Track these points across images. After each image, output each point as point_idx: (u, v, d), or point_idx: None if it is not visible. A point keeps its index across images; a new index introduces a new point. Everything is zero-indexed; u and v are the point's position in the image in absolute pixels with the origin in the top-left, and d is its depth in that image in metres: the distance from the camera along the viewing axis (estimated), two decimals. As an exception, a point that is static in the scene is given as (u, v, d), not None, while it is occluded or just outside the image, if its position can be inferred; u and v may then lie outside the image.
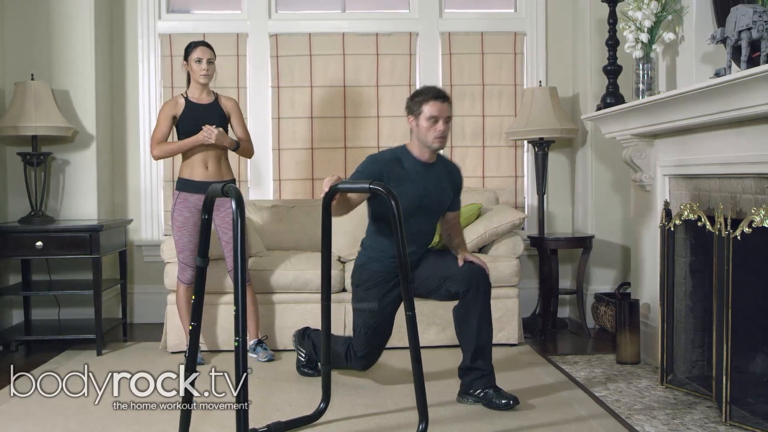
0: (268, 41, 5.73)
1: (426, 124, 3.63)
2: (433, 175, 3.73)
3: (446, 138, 3.68)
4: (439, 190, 3.75)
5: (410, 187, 3.64)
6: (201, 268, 2.95)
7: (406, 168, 3.68)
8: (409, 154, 3.72)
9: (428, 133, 3.64)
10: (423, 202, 3.68)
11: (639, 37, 4.22)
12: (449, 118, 3.67)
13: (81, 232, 4.75)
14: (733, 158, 3.40)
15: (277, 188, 5.75)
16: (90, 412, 3.40)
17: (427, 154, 3.71)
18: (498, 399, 3.56)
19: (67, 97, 5.24)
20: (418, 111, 3.65)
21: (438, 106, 3.62)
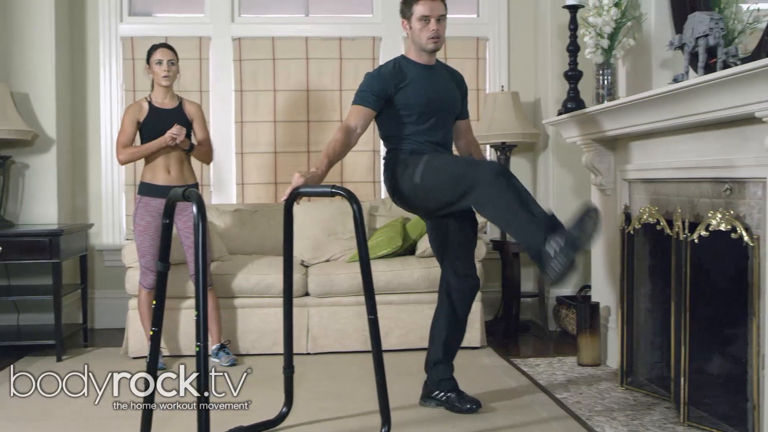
0: (231, 45, 5.71)
1: (418, 25, 3.50)
2: (436, 76, 3.61)
3: (441, 38, 3.54)
4: (447, 90, 3.62)
5: (415, 89, 3.52)
6: (162, 273, 2.93)
7: (407, 73, 3.54)
8: (408, 60, 3.60)
9: (421, 34, 3.51)
10: (432, 103, 3.54)
11: (599, 42, 4.27)
12: (443, 16, 3.52)
13: (41, 236, 4.68)
14: (691, 163, 3.46)
15: (240, 192, 5.73)
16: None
17: (425, 56, 3.58)
18: (461, 403, 3.58)
19: (26, 100, 5.18)
20: (410, 12, 3.53)
21: (429, 4, 3.48)
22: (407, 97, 3.51)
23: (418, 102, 3.51)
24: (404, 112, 3.53)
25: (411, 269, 4.77)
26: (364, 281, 3.08)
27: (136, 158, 4.45)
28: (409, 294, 4.76)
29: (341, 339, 4.74)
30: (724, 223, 3.09)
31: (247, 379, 4.10)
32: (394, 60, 3.63)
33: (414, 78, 3.54)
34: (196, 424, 2.67)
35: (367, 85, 3.51)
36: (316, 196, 3.59)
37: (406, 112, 3.53)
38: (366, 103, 3.48)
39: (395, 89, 3.50)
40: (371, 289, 3.08)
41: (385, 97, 3.50)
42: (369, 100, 3.48)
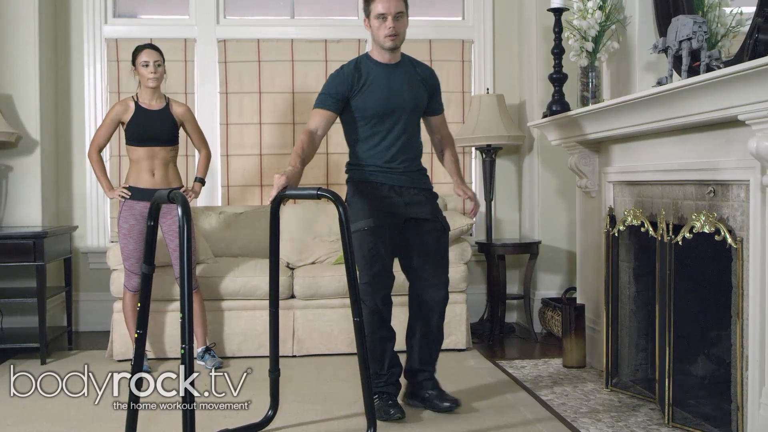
0: (216, 47, 5.70)
1: (376, 23, 3.52)
2: (398, 75, 3.61)
3: (399, 35, 3.55)
4: (410, 90, 3.62)
5: (374, 91, 3.55)
6: (147, 275, 2.93)
7: (368, 73, 3.57)
8: (370, 59, 3.62)
9: (379, 32, 3.53)
10: (391, 103, 3.56)
11: (584, 45, 4.30)
12: (401, 14, 3.53)
13: (25, 238, 4.65)
14: (675, 165, 3.48)
15: (226, 194, 5.72)
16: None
17: (387, 55, 3.60)
18: (440, 401, 3.59)
19: (10, 101, 5.15)
20: (369, 10, 3.55)
21: (386, 2, 3.49)
22: (364, 101, 3.56)
23: (373, 105, 3.55)
24: (359, 115, 3.58)
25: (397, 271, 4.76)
26: (349, 283, 3.08)
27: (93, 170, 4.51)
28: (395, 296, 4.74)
29: (327, 341, 4.73)
30: (708, 225, 3.11)
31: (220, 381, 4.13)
32: (356, 59, 3.65)
33: (373, 78, 3.57)
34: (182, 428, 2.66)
35: (327, 87, 3.58)
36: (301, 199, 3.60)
37: (360, 115, 3.58)
38: (325, 105, 3.56)
39: (352, 91, 3.55)
40: (356, 291, 3.09)
41: (344, 99, 3.55)
42: (327, 103, 3.55)
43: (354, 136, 3.64)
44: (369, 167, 3.61)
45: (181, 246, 2.69)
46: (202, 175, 4.57)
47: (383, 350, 3.57)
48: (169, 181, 4.42)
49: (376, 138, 3.60)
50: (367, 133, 3.60)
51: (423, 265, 3.64)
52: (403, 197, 3.61)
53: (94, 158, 4.43)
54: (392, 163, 3.60)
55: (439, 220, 3.67)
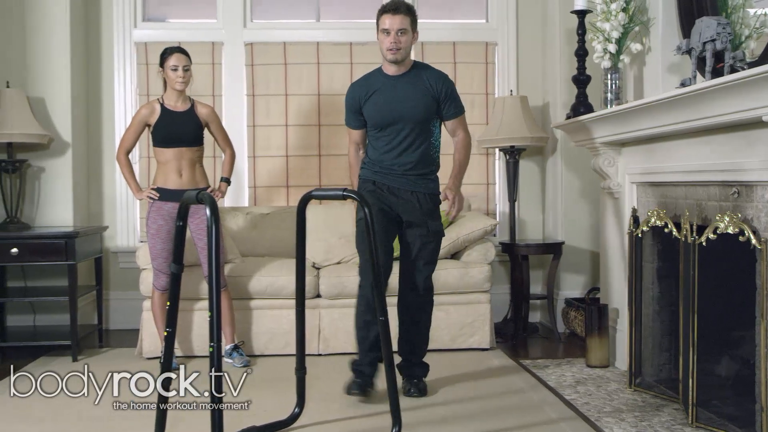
0: (243, 50, 5.77)
1: (381, 37, 3.79)
2: (403, 85, 3.83)
3: (403, 49, 3.77)
4: (414, 98, 3.81)
5: (376, 101, 3.83)
6: (175, 275, 2.97)
7: (375, 85, 3.85)
8: (380, 71, 3.90)
9: (383, 46, 3.79)
10: (391, 113, 3.81)
11: (607, 47, 4.31)
12: (404, 30, 3.75)
13: (56, 238, 4.75)
14: (699, 166, 3.48)
15: (252, 195, 5.78)
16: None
17: (392, 67, 3.84)
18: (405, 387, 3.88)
19: (42, 104, 5.25)
20: (377, 26, 3.82)
21: (389, 19, 3.75)
22: (368, 110, 3.86)
23: (375, 114, 3.84)
24: (368, 122, 3.90)
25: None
26: (374, 283, 3.12)
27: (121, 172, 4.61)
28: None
29: (352, 340, 4.73)
30: (732, 226, 3.11)
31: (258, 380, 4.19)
32: (369, 72, 3.96)
33: (378, 89, 3.85)
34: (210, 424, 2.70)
35: (346, 104, 3.95)
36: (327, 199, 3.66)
37: (368, 122, 3.90)
38: (350, 124, 3.97)
39: (361, 102, 3.87)
40: (382, 291, 3.13)
41: (359, 110, 3.89)
42: (351, 120, 3.96)
43: (369, 138, 3.96)
44: (374, 167, 3.89)
45: (209, 246, 2.73)
46: (227, 175, 4.64)
47: (367, 332, 3.80)
48: (197, 181, 4.49)
49: (381, 142, 3.87)
50: (375, 138, 3.89)
51: (406, 267, 3.90)
52: (398, 198, 3.85)
53: (122, 161, 4.51)
54: (393, 166, 3.85)
55: (426, 225, 3.86)
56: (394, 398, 3.13)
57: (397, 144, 3.83)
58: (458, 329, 4.82)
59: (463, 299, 4.84)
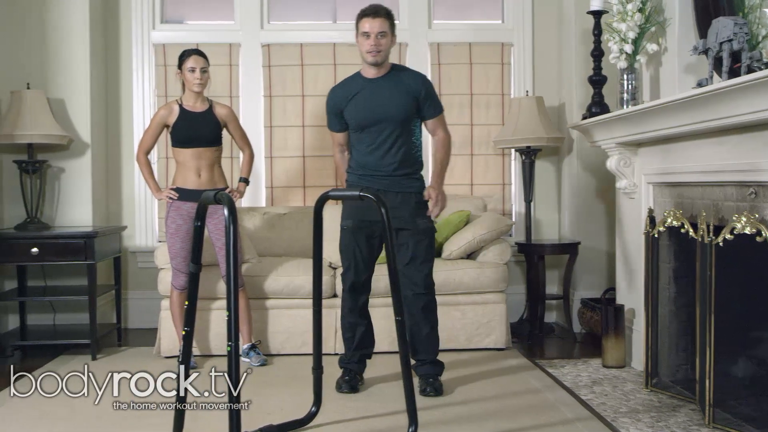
0: (260, 51, 5.80)
1: (362, 40, 3.87)
2: (383, 87, 3.91)
3: (382, 52, 3.86)
4: (391, 100, 3.89)
5: (356, 104, 3.91)
6: (194, 274, 3.00)
7: (354, 88, 3.94)
8: (359, 75, 3.98)
9: (362, 48, 3.87)
10: (372, 114, 3.89)
11: (623, 48, 4.31)
12: (383, 33, 3.85)
13: (76, 238, 4.80)
14: (715, 166, 3.47)
15: (269, 195, 5.82)
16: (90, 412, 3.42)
17: (372, 70, 3.92)
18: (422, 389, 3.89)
19: (62, 105, 5.31)
20: (356, 28, 3.91)
21: (368, 22, 3.84)
22: (350, 112, 3.95)
23: (355, 116, 3.93)
24: (349, 125, 3.99)
25: (437, 271, 4.77)
26: (391, 283, 3.14)
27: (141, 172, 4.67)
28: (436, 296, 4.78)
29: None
30: (749, 226, 3.11)
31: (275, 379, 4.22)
32: (349, 77, 4.05)
33: (357, 92, 3.93)
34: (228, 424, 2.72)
35: (327, 108, 4.05)
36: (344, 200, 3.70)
37: (350, 125, 3.99)
38: (332, 128, 4.07)
39: (342, 106, 3.96)
40: (398, 290, 3.15)
41: (340, 113, 3.98)
42: (333, 123, 4.05)
43: (351, 141, 4.05)
44: (359, 171, 3.98)
45: (227, 246, 2.75)
46: (246, 175, 4.67)
47: (352, 333, 4.04)
48: (215, 181, 4.52)
49: (363, 144, 3.96)
50: (358, 140, 3.98)
51: (405, 269, 3.94)
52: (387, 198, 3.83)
53: (142, 161, 4.56)
54: (379, 167, 3.93)
55: (416, 224, 3.92)
56: (410, 398, 3.14)
57: (380, 144, 3.91)
58: (474, 329, 4.83)
59: (479, 299, 4.85)
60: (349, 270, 3.99)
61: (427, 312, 3.98)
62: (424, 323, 3.96)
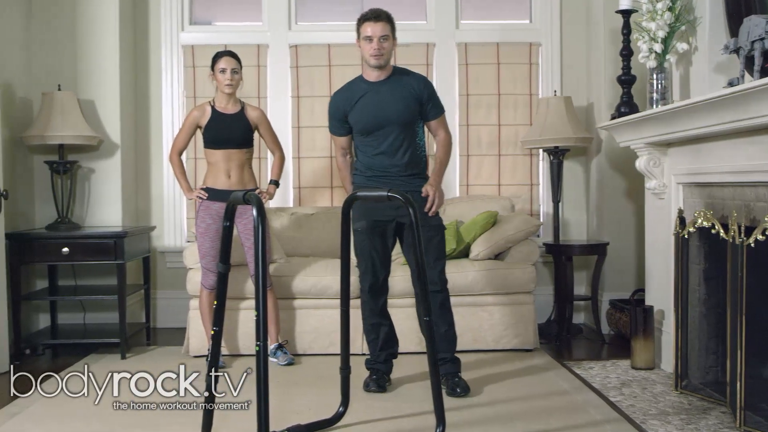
0: (288, 52, 5.83)
1: (364, 44, 3.90)
2: (384, 90, 3.94)
3: (384, 55, 3.89)
4: (397, 103, 3.92)
5: (360, 108, 3.93)
6: (222, 274, 3.02)
7: (357, 92, 3.96)
8: (362, 78, 4.01)
9: (365, 52, 3.90)
10: (377, 117, 3.91)
11: (653, 47, 4.27)
12: (385, 36, 3.88)
13: (106, 238, 4.85)
14: (747, 167, 3.44)
15: (297, 195, 5.84)
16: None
17: (374, 73, 3.95)
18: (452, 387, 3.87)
19: (92, 106, 5.37)
20: (359, 34, 3.94)
21: (371, 26, 3.88)
22: (354, 116, 3.97)
23: (360, 120, 3.96)
24: (354, 129, 4.01)
25: (465, 272, 4.81)
26: (420, 283, 3.14)
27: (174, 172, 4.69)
28: (463, 296, 4.78)
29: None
30: (781, 227, 3.08)
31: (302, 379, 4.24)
32: (350, 81, 4.07)
33: (360, 96, 3.95)
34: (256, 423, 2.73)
35: (329, 112, 4.07)
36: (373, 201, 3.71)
37: (355, 129, 4.01)
38: (335, 132, 4.08)
39: (346, 110, 3.97)
40: (427, 291, 3.15)
41: (344, 118, 4.00)
42: (336, 128, 4.06)
43: (356, 144, 4.07)
44: (366, 173, 3.99)
45: (256, 246, 2.77)
46: (276, 178, 4.68)
47: (376, 335, 4.08)
48: (245, 182, 4.54)
49: (370, 148, 3.98)
50: (364, 143, 4.00)
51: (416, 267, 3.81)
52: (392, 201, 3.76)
53: (175, 162, 4.59)
54: (386, 169, 3.95)
55: (427, 221, 3.91)
56: (437, 398, 3.15)
57: (387, 147, 3.93)
58: (502, 330, 4.81)
59: (506, 300, 4.83)
60: (367, 272, 4.01)
61: (443, 310, 3.98)
62: (441, 321, 3.96)
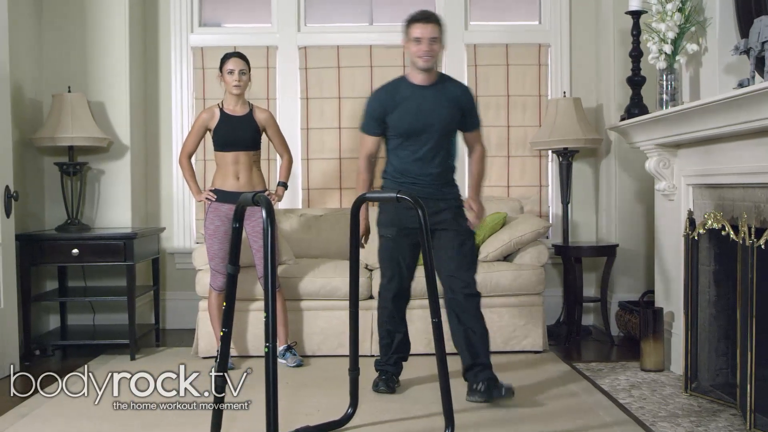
0: (297, 53, 5.84)
1: (413, 45, 3.81)
2: (429, 95, 3.86)
3: (433, 57, 3.81)
4: (440, 110, 3.85)
5: (405, 110, 3.84)
6: (231, 276, 3.02)
7: (401, 93, 3.87)
8: (405, 79, 3.92)
9: (414, 54, 3.81)
10: (420, 122, 3.83)
11: (662, 48, 4.26)
12: (435, 39, 3.79)
13: (115, 239, 4.87)
14: (757, 168, 3.43)
15: (306, 197, 5.84)
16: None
17: (420, 76, 3.86)
18: (497, 391, 3.74)
19: (102, 108, 5.38)
20: (407, 35, 3.84)
21: (421, 27, 3.78)
22: (395, 120, 3.86)
23: (402, 122, 3.85)
24: (392, 132, 3.90)
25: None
26: (428, 285, 3.14)
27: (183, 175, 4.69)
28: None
29: (404, 342, 4.79)
30: (791, 228, 3.07)
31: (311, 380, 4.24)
32: (394, 81, 3.96)
33: (405, 98, 3.85)
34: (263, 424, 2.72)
35: (368, 110, 3.93)
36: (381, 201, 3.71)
37: (393, 132, 3.89)
38: (370, 131, 3.94)
39: (387, 111, 3.86)
40: (435, 292, 3.15)
41: (383, 118, 3.87)
42: (372, 127, 3.92)
43: (389, 147, 3.96)
44: (399, 178, 3.91)
45: (265, 247, 2.76)
46: (284, 180, 4.69)
47: (390, 340, 4.06)
48: (254, 184, 4.55)
49: (406, 151, 3.89)
50: (400, 147, 3.90)
51: (449, 270, 3.86)
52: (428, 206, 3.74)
53: (184, 164, 4.60)
54: (420, 176, 3.87)
55: (460, 225, 3.89)
56: (446, 399, 3.14)
57: (424, 154, 3.86)
58: (511, 331, 4.81)
59: (515, 301, 4.83)
60: (393, 279, 3.96)
61: (479, 314, 3.88)
62: (478, 325, 3.86)
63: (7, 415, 3.63)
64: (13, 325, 4.48)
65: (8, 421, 3.55)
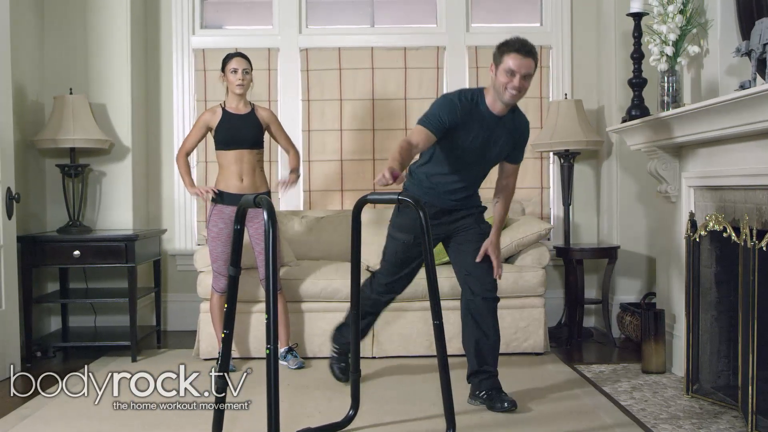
0: (298, 55, 5.84)
1: (503, 76, 3.55)
2: (500, 129, 3.69)
3: (522, 93, 3.60)
4: (501, 146, 3.73)
5: (474, 135, 3.64)
6: (233, 277, 3.02)
7: (479, 115, 3.64)
8: (484, 101, 3.67)
9: (502, 86, 3.57)
10: (478, 154, 3.70)
11: (664, 50, 4.27)
12: (528, 75, 3.57)
13: (117, 241, 4.87)
14: (758, 170, 3.43)
15: (308, 199, 5.85)
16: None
17: (499, 106, 3.65)
18: (499, 402, 3.68)
19: (104, 110, 5.39)
20: (499, 61, 3.57)
21: (518, 60, 3.53)
22: (456, 138, 3.64)
23: (460, 146, 3.66)
24: (445, 144, 3.66)
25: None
26: (429, 286, 3.13)
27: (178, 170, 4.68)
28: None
29: (406, 343, 4.79)
30: (793, 230, 3.07)
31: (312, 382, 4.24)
32: (474, 94, 3.69)
33: (475, 123, 3.63)
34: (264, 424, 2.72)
35: (440, 110, 3.60)
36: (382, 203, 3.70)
37: (447, 145, 3.67)
38: (431, 127, 3.56)
39: (458, 122, 3.60)
40: (436, 294, 3.14)
41: (450, 127, 3.59)
42: (435, 125, 3.56)
43: (432, 153, 3.76)
44: (428, 188, 3.79)
45: (266, 249, 2.76)
46: (295, 167, 4.66)
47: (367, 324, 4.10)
48: (257, 186, 4.55)
49: (448, 169, 3.75)
50: (444, 160, 3.73)
51: (468, 271, 3.81)
52: (451, 215, 3.82)
53: (180, 161, 4.60)
54: (452, 194, 3.80)
55: (480, 227, 3.84)
56: (448, 401, 3.14)
57: (465, 176, 3.77)
58: (512, 333, 4.81)
59: (517, 303, 4.82)
60: (394, 281, 3.93)
61: (496, 319, 3.81)
62: (492, 331, 3.77)
63: (9, 417, 3.63)
64: (14, 327, 4.48)
65: (10, 422, 3.55)
